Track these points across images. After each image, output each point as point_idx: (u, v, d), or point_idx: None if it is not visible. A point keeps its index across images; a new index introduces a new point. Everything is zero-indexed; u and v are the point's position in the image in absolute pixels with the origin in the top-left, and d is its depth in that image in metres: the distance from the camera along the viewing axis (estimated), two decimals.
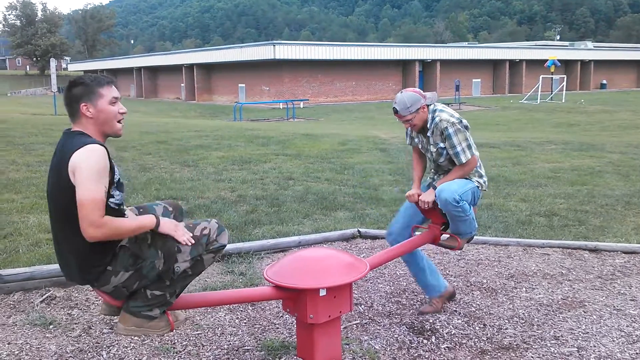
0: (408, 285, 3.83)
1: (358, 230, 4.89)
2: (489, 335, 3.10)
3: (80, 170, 2.17)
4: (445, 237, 3.31)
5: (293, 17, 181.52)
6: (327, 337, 2.61)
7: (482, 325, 3.22)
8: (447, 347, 2.97)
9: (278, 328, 3.16)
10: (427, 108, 3.18)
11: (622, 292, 3.72)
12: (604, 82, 57.03)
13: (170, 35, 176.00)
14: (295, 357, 2.73)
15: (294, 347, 2.82)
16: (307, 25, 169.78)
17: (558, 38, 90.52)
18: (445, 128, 3.10)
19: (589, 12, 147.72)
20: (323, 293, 2.50)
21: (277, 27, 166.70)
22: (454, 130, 3.10)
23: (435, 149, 3.19)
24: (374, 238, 4.83)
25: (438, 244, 3.35)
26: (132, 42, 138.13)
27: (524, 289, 3.76)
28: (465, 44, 60.45)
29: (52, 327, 3.06)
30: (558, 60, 40.12)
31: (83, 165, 2.17)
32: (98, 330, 3.05)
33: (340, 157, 9.57)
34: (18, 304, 3.36)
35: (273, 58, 37.32)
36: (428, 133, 3.20)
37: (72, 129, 2.35)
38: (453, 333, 3.13)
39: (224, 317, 3.28)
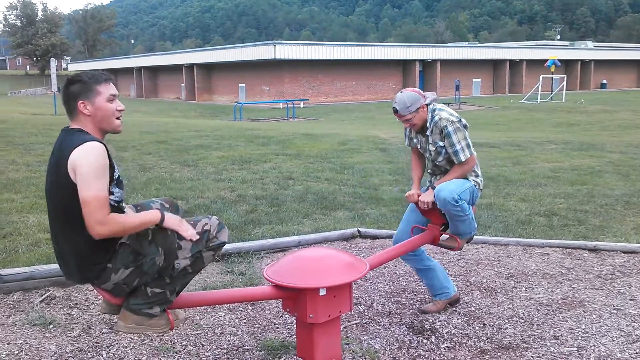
0: (408, 285, 3.83)
1: (358, 230, 4.89)
2: (489, 335, 3.10)
3: (81, 169, 2.16)
4: (445, 237, 3.32)
5: (293, 17, 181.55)
6: (326, 336, 2.61)
7: (481, 325, 3.22)
8: (446, 346, 2.97)
9: (278, 328, 3.16)
10: (426, 108, 3.19)
11: (621, 291, 3.72)
12: (604, 81, 57.00)
13: (171, 35, 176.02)
14: (295, 356, 2.73)
15: (294, 346, 2.82)
16: (307, 25, 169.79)
17: (558, 38, 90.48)
18: (445, 126, 3.11)
19: (590, 12, 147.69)
20: (323, 293, 2.50)
21: (277, 27, 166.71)
22: (454, 129, 3.11)
23: (434, 148, 3.20)
24: (374, 238, 4.83)
25: (438, 244, 3.35)
26: (132, 42, 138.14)
27: (524, 289, 3.76)
28: (466, 44, 60.41)
29: (51, 326, 3.06)
30: (558, 60, 40.08)
31: (83, 163, 2.16)
32: (98, 330, 3.04)
33: (340, 156, 9.57)
34: (17, 304, 3.36)
35: (273, 58, 37.30)
36: (427, 132, 3.21)
37: (70, 127, 2.35)
38: (453, 333, 3.13)
39: (224, 316, 3.28)
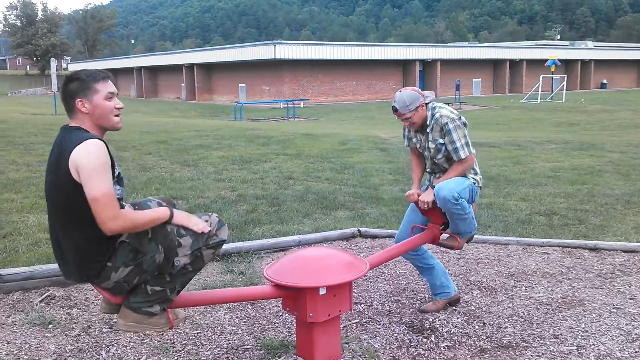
0: (408, 284, 3.83)
1: (358, 230, 4.89)
2: (489, 334, 3.10)
3: (84, 167, 2.15)
4: (445, 236, 3.32)
5: (293, 17, 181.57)
6: (326, 336, 2.61)
7: (481, 324, 3.22)
8: (446, 345, 2.97)
9: (277, 327, 3.15)
10: (425, 106, 3.20)
11: (621, 290, 3.72)
12: (604, 81, 56.98)
13: (171, 35, 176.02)
14: (295, 356, 2.73)
15: (294, 346, 2.82)
16: (307, 25, 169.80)
17: (558, 38, 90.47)
18: (446, 124, 3.12)
19: (590, 11, 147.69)
20: (323, 292, 2.50)
21: (277, 27, 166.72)
22: (454, 126, 3.12)
23: (434, 145, 3.20)
24: (374, 237, 4.83)
25: (438, 244, 3.35)
26: (132, 42, 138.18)
27: (524, 288, 3.76)
28: (466, 44, 60.43)
29: (51, 326, 3.06)
30: (558, 60, 40.07)
31: (85, 162, 2.15)
32: (97, 330, 3.04)
33: (341, 156, 9.57)
34: (17, 304, 3.36)
35: (273, 58, 37.30)
36: (427, 129, 3.22)
37: (69, 125, 2.35)
38: (452, 332, 3.13)
39: (224, 316, 3.28)
